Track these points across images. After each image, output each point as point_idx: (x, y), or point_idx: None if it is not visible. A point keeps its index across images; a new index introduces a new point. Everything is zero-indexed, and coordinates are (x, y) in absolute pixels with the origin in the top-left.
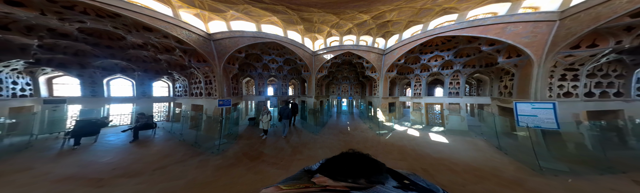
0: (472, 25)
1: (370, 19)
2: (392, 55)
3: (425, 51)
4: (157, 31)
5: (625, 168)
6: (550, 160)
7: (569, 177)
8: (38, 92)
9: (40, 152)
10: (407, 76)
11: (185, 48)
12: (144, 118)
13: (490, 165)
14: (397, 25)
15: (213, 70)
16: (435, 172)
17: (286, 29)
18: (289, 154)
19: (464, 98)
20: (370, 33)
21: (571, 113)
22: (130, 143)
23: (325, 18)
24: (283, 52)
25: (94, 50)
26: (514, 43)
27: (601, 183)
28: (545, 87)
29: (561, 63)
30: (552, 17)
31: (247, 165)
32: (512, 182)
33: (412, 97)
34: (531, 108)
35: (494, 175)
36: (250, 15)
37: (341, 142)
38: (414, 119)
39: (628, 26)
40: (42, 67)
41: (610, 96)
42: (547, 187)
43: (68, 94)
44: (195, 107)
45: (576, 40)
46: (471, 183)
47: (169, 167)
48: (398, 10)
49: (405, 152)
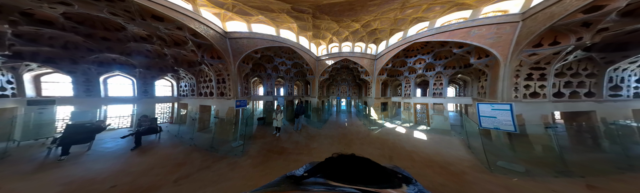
0: (440, 31)
1: (360, 27)
2: (381, 60)
3: (409, 55)
4: (171, 22)
5: (587, 172)
6: (512, 161)
7: (520, 176)
8: (22, 92)
9: (16, 165)
10: (397, 78)
11: (200, 42)
12: (147, 122)
13: (448, 160)
14: (383, 32)
15: (227, 68)
16: (397, 159)
17: (298, 34)
18: (304, 145)
19: (446, 99)
20: (363, 40)
21: (540, 114)
22: (131, 151)
23: (329, 25)
24: (293, 56)
25: (86, 42)
26: (479, 44)
27: (547, 185)
28: (511, 87)
29: (526, 62)
30: (515, 19)
31: (279, 158)
32: (452, 174)
33: (403, 98)
34: (491, 110)
35: (441, 167)
36: (275, 21)
37: (340, 135)
38: (404, 118)
39: (585, 22)
40: (25, 62)
41: (581, 96)
42: (483, 181)
43: (60, 93)
44: (203, 108)
45: (536, 38)
46: (415, 168)
47: (193, 175)
48: (379, 20)
49: (386, 144)
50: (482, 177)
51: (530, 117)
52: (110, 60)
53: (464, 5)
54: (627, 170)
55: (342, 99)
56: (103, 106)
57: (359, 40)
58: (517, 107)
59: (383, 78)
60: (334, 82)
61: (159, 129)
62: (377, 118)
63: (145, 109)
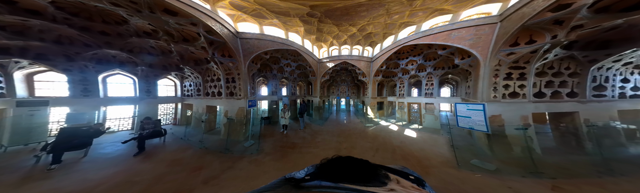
0: (425, 35)
1: (357, 31)
2: (377, 62)
3: (401, 57)
4: (185, 17)
5: (562, 174)
6: (488, 160)
7: (487, 174)
8: (12, 92)
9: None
10: (392, 79)
11: (213, 39)
12: (150, 124)
13: (426, 156)
14: (377, 36)
15: (238, 67)
16: (382, 151)
17: (304, 38)
18: (310, 140)
19: (437, 99)
20: (360, 43)
21: (520, 115)
22: (134, 156)
23: (330, 29)
24: (298, 58)
25: (82, 36)
26: (459, 45)
27: (507, 182)
28: (490, 86)
29: (505, 61)
30: (493, 20)
31: (294, 152)
32: (422, 167)
33: (397, 97)
34: (466, 110)
35: (417, 161)
36: (286, 25)
37: (340, 131)
38: (399, 117)
39: (556, 20)
40: (13, 58)
41: (564, 97)
42: (445, 174)
43: (55, 93)
44: (209, 109)
45: (512, 38)
46: (394, 159)
47: (221, 175)
48: (372, 24)
49: (377, 139)
50: (446, 171)
51: (510, 117)
52: (110, 57)
53: (443, 10)
54: (606, 174)
55: (342, 99)
56: (102, 107)
57: (356, 43)
58: (497, 107)
59: (379, 79)
60: (334, 82)
61: (163, 132)
62: (373, 116)
63: (147, 110)
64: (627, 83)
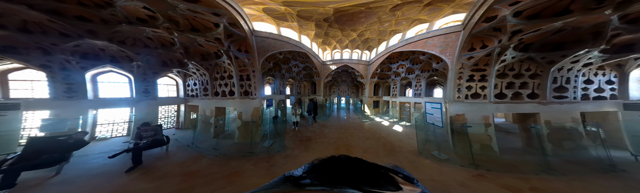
0: (408, 42)
1: (356, 36)
2: (372, 65)
3: (392, 61)
4: (210, 6)
5: (499, 169)
6: (447, 153)
7: (436, 161)
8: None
9: None
10: (386, 80)
11: (234, 32)
12: (149, 131)
13: (400, 145)
14: (374, 41)
15: (253, 64)
16: (370, 139)
17: (312, 40)
18: (320, 133)
19: (424, 98)
20: (359, 47)
21: (481, 115)
22: (126, 173)
23: (335, 33)
24: (305, 60)
25: (54, 22)
26: (432, 52)
27: (442, 167)
28: (454, 88)
29: (466, 64)
30: (458, 29)
31: (313, 143)
32: (391, 152)
33: (391, 97)
34: (431, 108)
35: (391, 148)
36: (302, 28)
37: (340, 125)
38: (391, 114)
39: (494, 28)
40: None
41: (524, 98)
42: (403, 157)
43: (36, 95)
44: (218, 111)
45: (467, 44)
46: (377, 146)
47: (272, 173)
48: (369, 30)
49: (370, 131)
50: (407, 156)
51: (473, 117)
52: (97, 50)
53: (421, 20)
54: (547, 173)
55: (342, 98)
56: (92, 111)
57: (355, 47)
58: (461, 107)
59: (375, 81)
60: (335, 82)
61: (165, 140)
62: (369, 113)
63: (146, 113)
64: (590, 84)
